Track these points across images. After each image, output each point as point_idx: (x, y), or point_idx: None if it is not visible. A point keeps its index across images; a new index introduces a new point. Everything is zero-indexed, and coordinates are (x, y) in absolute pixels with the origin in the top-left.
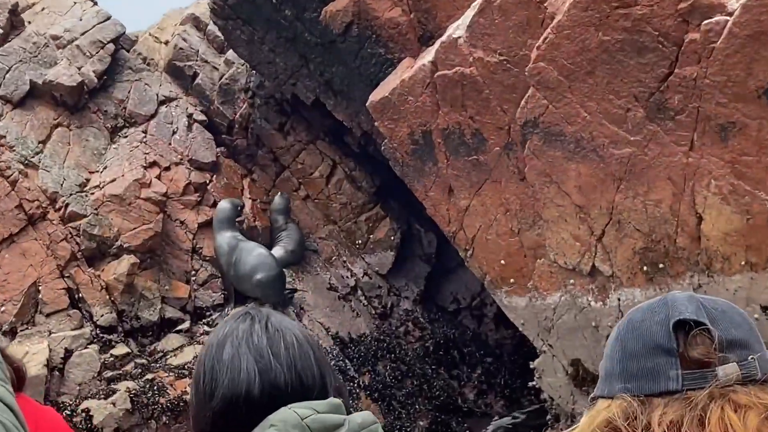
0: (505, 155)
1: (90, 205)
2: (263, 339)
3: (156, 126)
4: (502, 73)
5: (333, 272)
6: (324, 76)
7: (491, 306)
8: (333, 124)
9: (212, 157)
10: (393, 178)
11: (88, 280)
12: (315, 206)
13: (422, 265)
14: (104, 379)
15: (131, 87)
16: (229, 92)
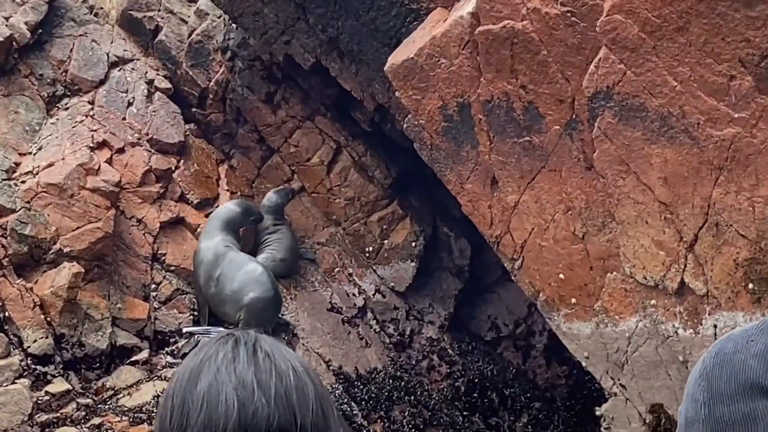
0: (566, 136)
1: (20, 197)
2: (249, 366)
3: (106, 95)
4: (565, 29)
5: (335, 288)
6: (327, 32)
7: (541, 335)
8: (338, 95)
9: (179, 137)
10: (415, 167)
11: (17, 295)
12: (312, 202)
13: (452, 281)
14: (37, 423)
15: (74, 44)
16: (202, 52)
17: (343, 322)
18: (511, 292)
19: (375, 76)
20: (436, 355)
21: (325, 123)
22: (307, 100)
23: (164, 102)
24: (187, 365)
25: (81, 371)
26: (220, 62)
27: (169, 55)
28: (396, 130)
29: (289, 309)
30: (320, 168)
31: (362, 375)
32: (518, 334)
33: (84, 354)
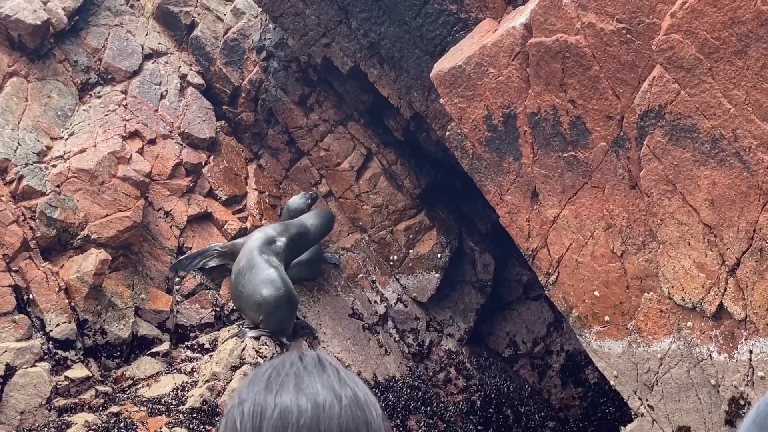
0: (612, 153)
1: (50, 181)
2: (318, 372)
3: (139, 86)
4: (619, 46)
5: (358, 294)
6: (369, 37)
7: (559, 355)
8: (373, 102)
9: (210, 133)
10: (445, 179)
11: (42, 278)
12: (340, 207)
13: (474, 295)
14: (55, 408)
15: (109, 34)
16: (236, 50)
17: (364, 329)
18: (531, 311)
19: (414, 83)
20: (454, 368)
21: (358, 129)
22: (340, 104)
23: (197, 97)
24: (255, 374)
25: (101, 359)
26: (255, 61)
27: (204, 51)
28: (431, 139)
29: (312, 312)
30: (350, 173)
31: (380, 382)
32: (536, 353)
33: (105, 342)
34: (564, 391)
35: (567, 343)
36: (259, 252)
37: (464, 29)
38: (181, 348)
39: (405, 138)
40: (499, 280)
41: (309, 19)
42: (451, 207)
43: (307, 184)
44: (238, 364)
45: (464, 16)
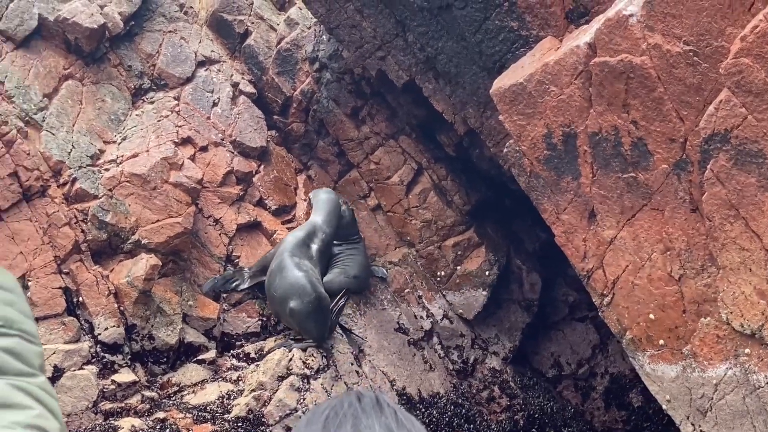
0: (674, 176)
1: (103, 184)
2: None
3: (192, 93)
4: (686, 68)
5: (404, 309)
6: (425, 51)
7: (603, 377)
8: (426, 117)
9: (261, 142)
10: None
11: (92, 281)
12: (387, 221)
13: (520, 314)
14: (101, 411)
15: (163, 40)
16: (289, 61)
17: (409, 344)
18: (576, 332)
19: (469, 99)
20: (498, 386)
21: (409, 143)
22: (393, 118)
23: (248, 106)
24: (312, 414)
25: (148, 364)
26: (307, 72)
27: (256, 60)
28: (484, 156)
29: (358, 325)
30: (399, 188)
31: (425, 398)
32: (580, 375)
33: (153, 347)
34: (607, 414)
35: (611, 366)
36: (290, 254)
37: (524, 47)
38: (227, 356)
39: (456, 154)
40: (545, 299)
41: (365, 31)
42: (500, 225)
43: (356, 196)
44: (285, 375)
45: (525, 33)
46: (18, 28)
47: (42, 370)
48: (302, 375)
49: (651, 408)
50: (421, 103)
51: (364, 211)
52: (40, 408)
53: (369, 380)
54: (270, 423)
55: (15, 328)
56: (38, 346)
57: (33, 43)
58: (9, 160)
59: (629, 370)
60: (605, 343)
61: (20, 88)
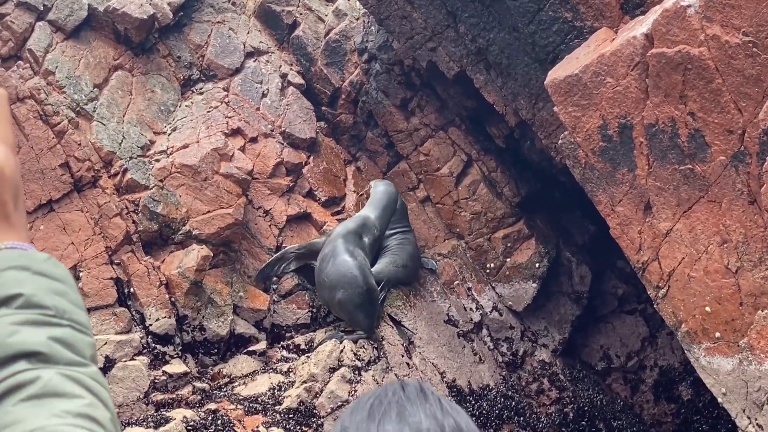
0: (732, 168)
1: (154, 175)
2: (421, 402)
3: (241, 84)
4: (745, 60)
5: (453, 301)
6: (477, 42)
7: (652, 370)
8: (476, 108)
9: (311, 133)
10: (544, 188)
11: (143, 272)
12: (437, 213)
13: (570, 306)
14: (152, 403)
15: (212, 30)
16: (338, 52)
17: (459, 336)
18: (625, 325)
19: (521, 90)
20: (547, 379)
21: (459, 135)
22: (442, 109)
23: (297, 97)
24: (357, 403)
25: (198, 355)
26: (356, 63)
27: (305, 51)
28: (535, 147)
29: (408, 317)
30: (449, 179)
31: (474, 390)
32: (629, 367)
33: (204, 338)
34: (656, 407)
35: (661, 359)
36: (344, 241)
37: (578, 38)
38: (277, 348)
39: (506, 145)
40: (594, 292)
41: (416, 22)
42: (549, 217)
43: (405, 188)
44: (336, 366)
45: (579, 24)
46: (68, 18)
47: (93, 360)
48: (353, 367)
49: (700, 401)
50: (471, 95)
51: (412, 203)
52: (90, 397)
53: (419, 372)
54: (321, 414)
55: (66, 318)
56: (90, 336)
57: (83, 33)
58: (60, 151)
59: (678, 362)
60: (654, 335)
61: (71, 79)
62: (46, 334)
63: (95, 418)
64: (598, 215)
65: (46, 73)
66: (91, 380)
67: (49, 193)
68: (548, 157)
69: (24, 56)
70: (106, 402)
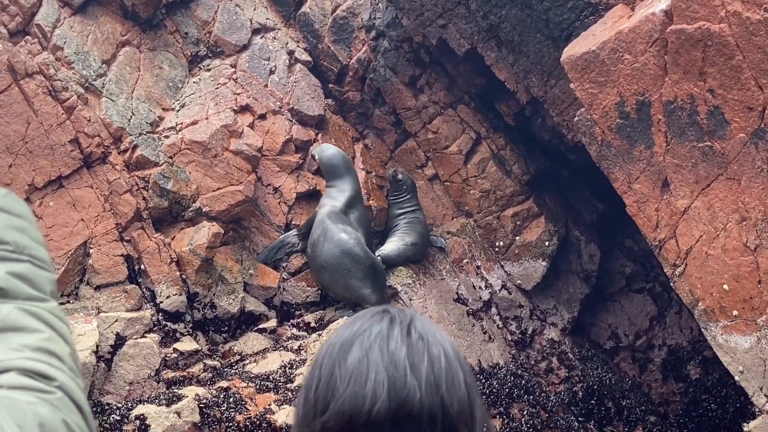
0: (752, 145)
1: (164, 152)
2: (402, 346)
3: (249, 61)
4: (766, 36)
5: (463, 279)
6: (488, 19)
7: (660, 349)
8: (486, 85)
9: (319, 110)
10: (553, 166)
11: (154, 249)
12: (445, 191)
13: (579, 285)
14: (163, 380)
15: (218, 6)
16: (345, 28)
17: (468, 314)
18: (633, 303)
19: (533, 68)
20: (556, 357)
21: (468, 112)
22: (451, 87)
23: (305, 74)
24: (339, 336)
25: (209, 333)
26: (364, 40)
27: (312, 28)
28: (546, 125)
29: (418, 295)
30: (458, 157)
31: (485, 369)
32: (637, 347)
33: (214, 316)
34: (664, 386)
35: (669, 338)
36: (332, 222)
37: (594, 14)
38: (287, 325)
39: (515, 123)
40: (603, 271)
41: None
42: (558, 195)
43: (413, 166)
44: None
45: (595, 1)
46: None
47: (53, 296)
48: None
49: (709, 380)
50: (481, 72)
51: (421, 181)
52: (49, 332)
53: None
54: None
55: (26, 254)
56: (50, 272)
57: (90, 8)
58: (70, 127)
59: (687, 342)
60: (663, 315)
61: (79, 54)
62: (5, 269)
63: (54, 352)
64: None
65: (54, 48)
66: (50, 315)
67: (59, 169)
68: (559, 135)
69: (32, 31)
70: (65, 336)
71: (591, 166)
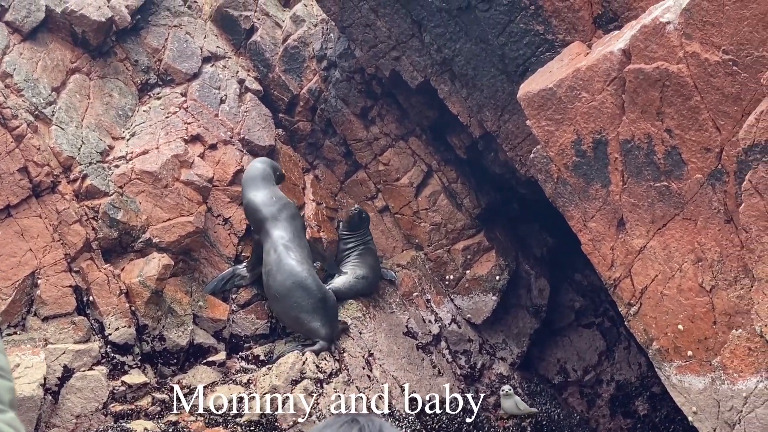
0: (708, 186)
1: (114, 181)
2: None
3: (199, 89)
4: (724, 78)
5: (413, 313)
6: (442, 52)
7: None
8: (438, 118)
9: (270, 140)
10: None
11: (103, 280)
12: (395, 223)
13: (529, 319)
14: (111, 413)
15: (168, 34)
16: (297, 58)
17: (418, 348)
18: (582, 338)
19: (487, 102)
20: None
21: (419, 145)
22: (403, 119)
23: (256, 103)
24: None
25: (157, 365)
26: (315, 70)
27: (263, 57)
28: (498, 159)
29: (368, 328)
30: (408, 189)
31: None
32: (586, 382)
33: (163, 348)
34: (612, 422)
35: (618, 373)
36: (285, 249)
37: (550, 51)
38: (236, 358)
39: (467, 156)
40: (552, 305)
41: (380, 31)
42: (508, 229)
43: (363, 197)
44: (298, 379)
45: (551, 37)
46: (25, 19)
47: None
48: (315, 379)
49: (657, 416)
50: (433, 105)
51: (371, 213)
52: None
53: (380, 384)
54: (283, 427)
55: None
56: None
57: (40, 35)
58: (19, 155)
59: (635, 377)
60: (612, 350)
61: (29, 81)
62: None
63: None
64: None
65: (3, 75)
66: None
67: (8, 198)
68: (512, 169)
69: None
70: None
71: (542, 200)
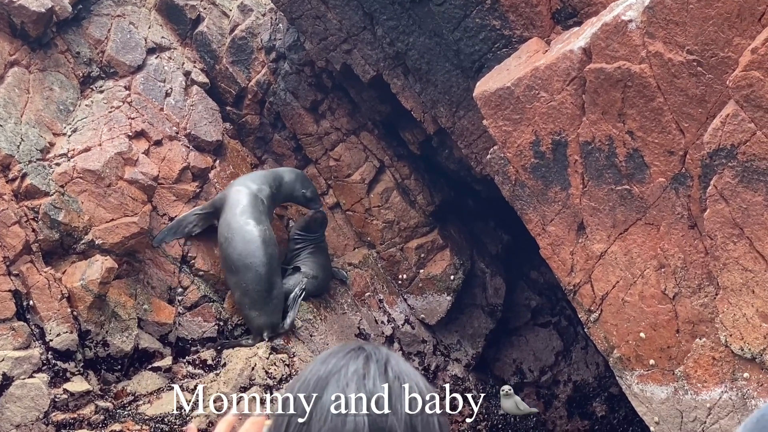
0: (672, 190)
1: (54, 180)
2: (381, 386)
3: (143, 82)
4: (688, 78)
5: (365, 313)
6: (395, 46)
7: (566, 386)
8: (390, 113)
9: (217, 135)
10: (457, 197)
11: (44, 284)
12: (347, 220)
13: (484, 319)
14: (52, 423)
15: (111, 24)
16: (244, 49)
17: None
18: (539, 339)
19: (441, 98)
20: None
21: (371, 140)
22: (354, 113)
23: (202, 97)
24: (312, 372)
25: (101, 372)
26: (263, 62)
27: (209, 48)
28: (453, 156)
29: (319, 330)
30: (360, 186)
31: None
32: (542, 382)
33: (107, 354)
34: (570, 423)
35: (575, 374)
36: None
37: (507, 47)
38: (182, 363)
39: (420, 152)
40: (507, 304)
41: (330, 23)
42: (462, 226)
43: None
44: (247, 385)
45: (508, 33)
46: None
47: None
48: (265, 385)
49: (615, 418)
50: (385, 99)
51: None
52: None
53: None
54: None
55: None
56: None
57: None
58: None
59: (593, 377)
60: (569, 349)
61: None
62: None
63: None
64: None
65: None
66: None
67: None
68: (466, 167)
69: None
70: None
71: (497, 197)
